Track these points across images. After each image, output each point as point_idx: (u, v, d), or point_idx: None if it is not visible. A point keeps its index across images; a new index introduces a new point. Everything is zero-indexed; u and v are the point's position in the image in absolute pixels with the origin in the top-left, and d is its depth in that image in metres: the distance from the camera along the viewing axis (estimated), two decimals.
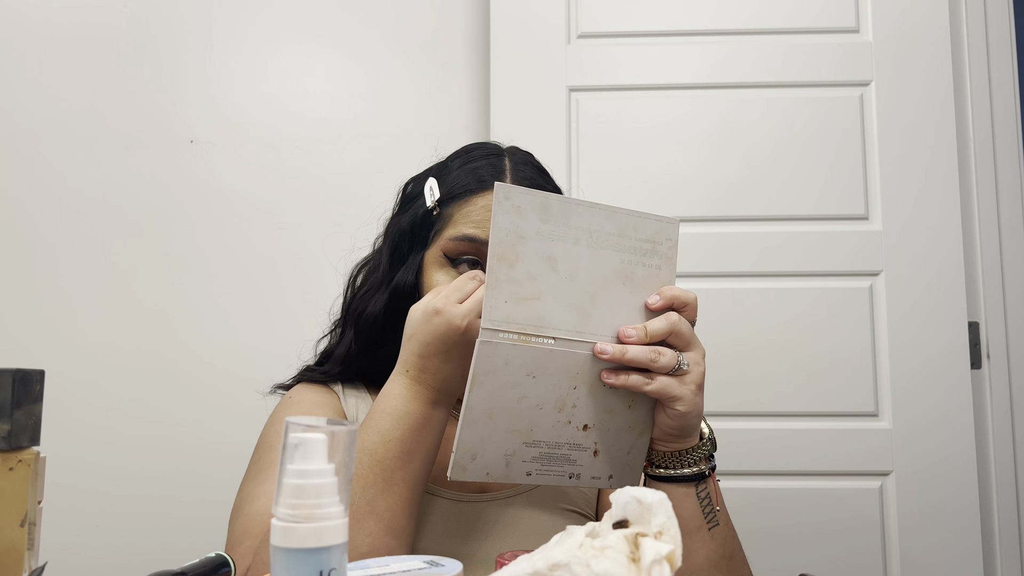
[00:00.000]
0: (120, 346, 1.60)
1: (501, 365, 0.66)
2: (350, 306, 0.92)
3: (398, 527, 0.71)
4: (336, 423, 0.42)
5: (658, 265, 0.71)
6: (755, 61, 1.57)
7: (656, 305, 0.70)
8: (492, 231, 0.65)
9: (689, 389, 0.69)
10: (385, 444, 0.72)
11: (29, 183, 1.64)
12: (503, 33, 1.59)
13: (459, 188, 0.86)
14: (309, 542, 0.39)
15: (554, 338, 0.67)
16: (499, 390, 0.66)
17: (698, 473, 0.73)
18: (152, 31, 1.68)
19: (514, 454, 0.69)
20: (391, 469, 0.71)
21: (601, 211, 0.69)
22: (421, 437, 0.73)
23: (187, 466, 1.56)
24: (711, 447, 0.74)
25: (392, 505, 0.71)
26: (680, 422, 0.70)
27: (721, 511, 0.75)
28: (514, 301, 0.66)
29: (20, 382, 0.49)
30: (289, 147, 1.66)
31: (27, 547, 0.49)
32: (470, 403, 0.66)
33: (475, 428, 0.67)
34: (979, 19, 1.64)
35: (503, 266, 0.65)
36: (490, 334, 0.65)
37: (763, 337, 1.51)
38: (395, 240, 0.89)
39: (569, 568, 0.42)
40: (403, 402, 0.73)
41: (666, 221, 0.71)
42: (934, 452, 1.47)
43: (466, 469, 0.68)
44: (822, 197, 1.54)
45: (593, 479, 0.72)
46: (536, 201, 0.66)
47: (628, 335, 0.68)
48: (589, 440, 0.71)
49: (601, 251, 0.69)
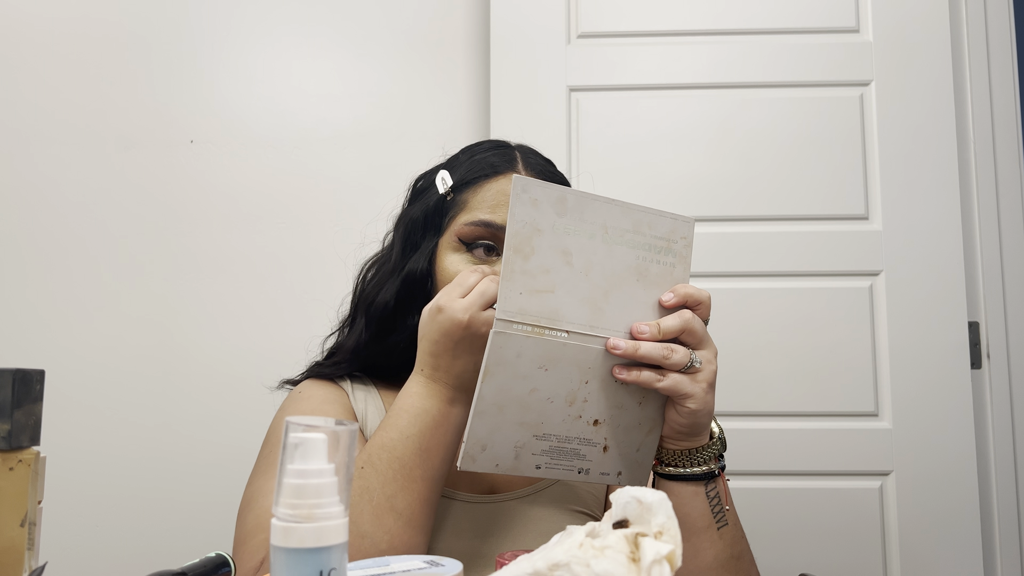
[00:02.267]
0: (120, 346, 1.60)
1: (513, 356, 0.66)
2: (360, 298, 0.92)
3: (418, 523, 0.71)
4: (336, 423, 0.42)
5: (672, 263, 0.71)
6: (755, 61, 1.57)
7: (670, 303, 0.70)
8: (509, 223, 0.66)
9: (701, 387, 0.69)
10: (403, 441, 0.72)
11: (29, 183, 1.64)
12: (503, 33, 1.59)
13: (472, 174, 0.87)
14: (309, 542, 0.39)
15: (567, 331, 0.67)
16: (510, 381, 0.67)
17: (707, 472, 0.73)
18: (152, 31, 1.68)
19: (524, 446, 0.69)
20: (410, 466, 0.72)
21: (617, 207, 0.69)
22: (439, 434, 0.74)
23: (187, 466, 1.56)
24: (721, 447, 0.75)
25: (412, 502, 0.71)
26: (691, 420, 0.70)
27: (730, 511, 0.75)
28: (528, 293, 0.66)
29: (20, 382, 0.49)
30: (289, 147, 1.66)
31: (27, 547, 0.49)
32: (481, 393, 0.66)
33: (485, 418, 0.67)
34: (979, 19, 1.64)
35: (518, 258, 0.66)
36: (504, 325, 0.65)
37: (763, 337, 1.51)
38: (407, 229, 0.89)
39: (569, 568, 0.42)
40: (420, 400, 0.74)
41: (681, 220, 0.71)
42: (934, 452, 1.47)
43: (476, 459, 0.68)
44: (822, 197, 1.54)
45: (602, 475, 0.72)
46: (553, 195, 0.67)
47: (641, 331, 0.68)
48: (599, 435, 0.71)
49: (616, 247, 0.69)
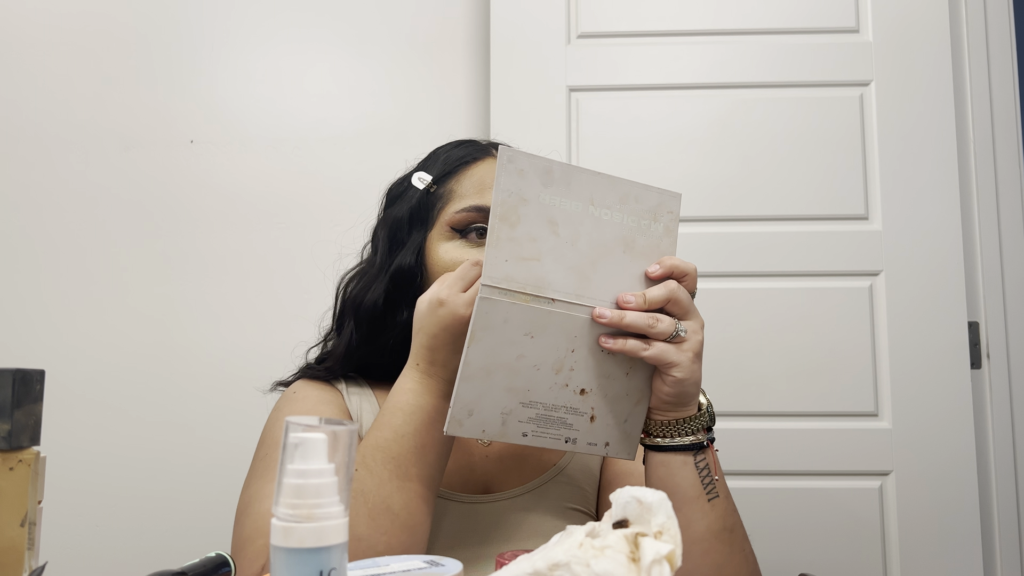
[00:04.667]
0: (120, 346, 1.60)
1: (500, 322, 0.66)
2: (345, 304, 0.91)
3: (414, 523, 0.70)
4: (336, 423, 0.42)
5: (659, 235, 0.72)
6: (755, 61, 1.57)
7: (656, 274, 0.70)
8: (495, 191, 0.66)
9: (687, 356, 0.69)
10: (398, 440, 0.72)
11: (29, 183, 1.64)
12: (503, 33, 1.59)
13: (453, 162, 0.87)
14: (309, 542, 0.39)
15: (552, 299, 0.68)
16: (497, 347, 0.67)
17: (696, 443, 0.73)
18: (152, 31, 1.68)
19: (511, 413, 0.69)
20: (406, 465, 0.71)
21: (604, 179, 0.70)
22: (434, 431, 0.73)
23: (187, 466, 1.56)
24: (709, 419, 0.74)
25: (408, 502, 0.70)
26: (677, 389, 0.70)
27: (721, 484, 0.74)
28: (514, 260, 0.66)
29: (20, 382, 0.49)
30: (289, 147, 1.66)
31: (27, 547, 0.49)
32: (467, 359, 0.66)
33: (472, 383, 0.67)
34: (979, 19, 1.64)
35: (504, 226, 0.66)
36: (489, 291, 0.66)
37: (763, 337, 1.51)
38: (392, 229, 0.89)
39: (569, 568, 0.42)
40: (415, 396, 0.74)
41: (668, 194, 0.72)
42: (934, 452, 1.47)
43: (462, 424, 0.68)
44: (822, 197, 1.54)
45: (589, 445, 0.72)
46: (539, 165, 0.67)
47: (627, 301, 0.69)
48: (586, 405, 0.71)
49: (603, 218, 0.70)
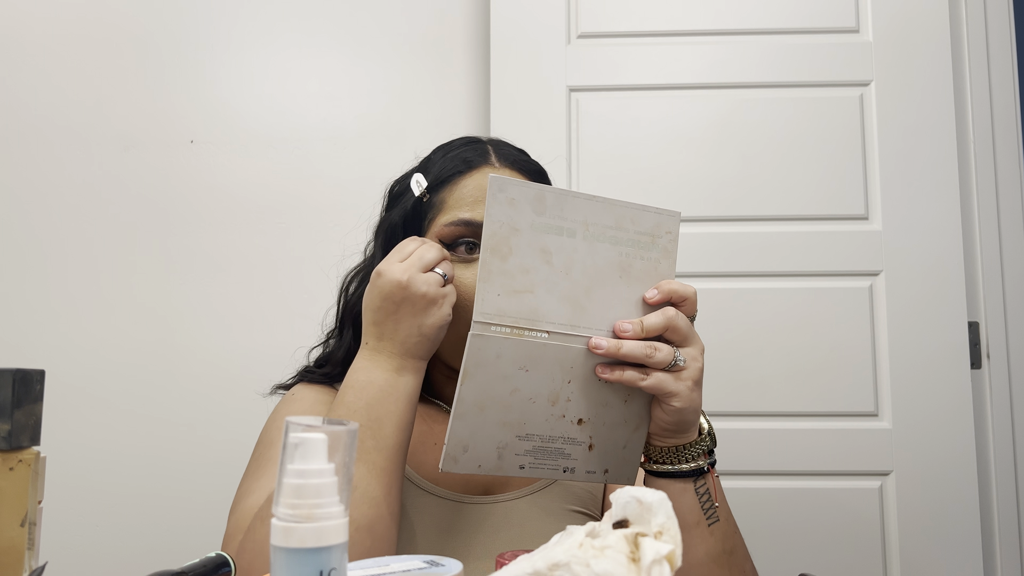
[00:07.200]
0: (120, 346, 1.60)
1: (492, 358, 0.66)
2: (345, 309, 0.92)
3: (374, 495, 0.70)
4: (336, 423, 0.42)
5: (657, 259, 0.70)
6: (754, 61, 1.57)
7: (653, 299, 0.69)
8: (485, 223, 0.65)
9: (686, 385, 0.68)
10: (351, 416, 0.72)
11: (29, 183, 1.64)
12: (503, 33, 1.59)
13: (447, 172, 0.86)
14: (309, 542, 0.39)
15: (547, 331, 0.67)
16: (491, 383, 0.66)
17: (696, 469, 0.72)
18: (152, 31, 1.68)
19: (506, 447, 0.68)
20: (361, 438, 0.71)
21: (598, 203, 0.68)
22: (388, 403, 0.73)
23: (187, 466, 1.56)
24: (710, 443, 0.74)
25: (364, 474, 0.70)
26: (676, 417, 0.70)
27: (722, 507, 0.74)
28: (507, 294, 0.65)
29: (20, 382, 0.49)
30: (289, 147, 1.66)
31: (27, 547, 0.49)
32: (461, 395, 0.66)
33: (466, 420, 0.67)
34: (979, 19, 1.64)
35: (496, 259, 0.65)
36: (482, 327, 0.65)
37: (763, 337, 1.51)
38: (387, 235, 0.89)
39: (569, 568, 0.42)
40: (365, 372, 0.74)
41: (666, 214, 0.70)
42: (934, 452, 1.47)
43: (457, 461, 0.67)
44: (822, 197, 1.54)
45: (588, 473, 0.72)
46: (531, 193, 0.66)
47: (624, 330, 0.67)
48: (584, 434, 0.70)
49: (597, 244, 0.68)
